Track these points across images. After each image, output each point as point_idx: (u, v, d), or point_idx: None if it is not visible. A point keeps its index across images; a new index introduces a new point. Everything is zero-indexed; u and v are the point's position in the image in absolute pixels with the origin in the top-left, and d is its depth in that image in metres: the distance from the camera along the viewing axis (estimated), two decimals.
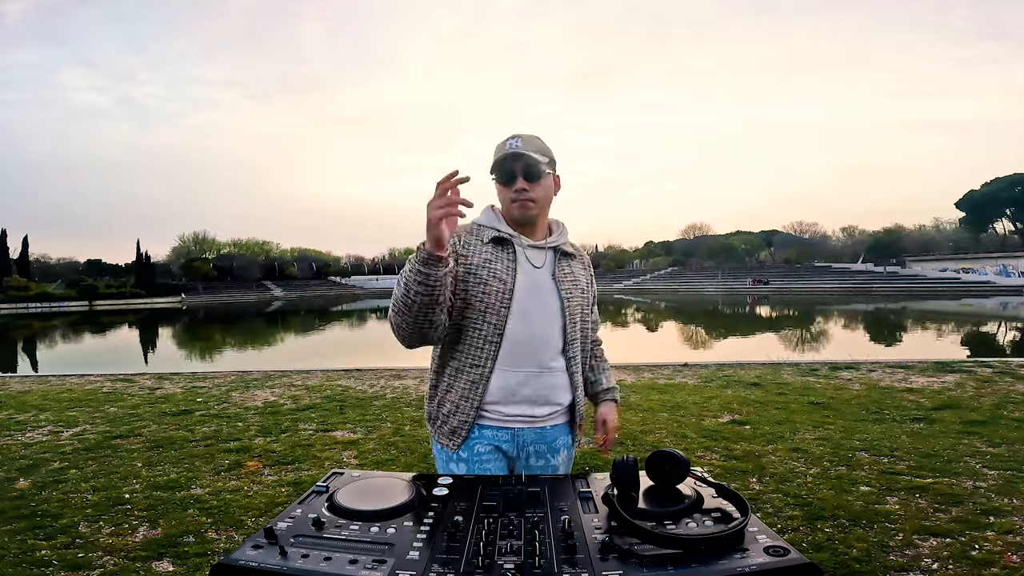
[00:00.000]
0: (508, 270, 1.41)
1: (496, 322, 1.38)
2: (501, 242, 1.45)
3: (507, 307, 1.39)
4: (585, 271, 1.58)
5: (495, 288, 1.39)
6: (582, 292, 1.52)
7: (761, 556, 0.67)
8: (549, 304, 1.44)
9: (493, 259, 1.42)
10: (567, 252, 1.52)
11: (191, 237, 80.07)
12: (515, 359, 1.40)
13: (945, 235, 73.13)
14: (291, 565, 0.67)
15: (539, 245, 1.48)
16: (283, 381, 7.02)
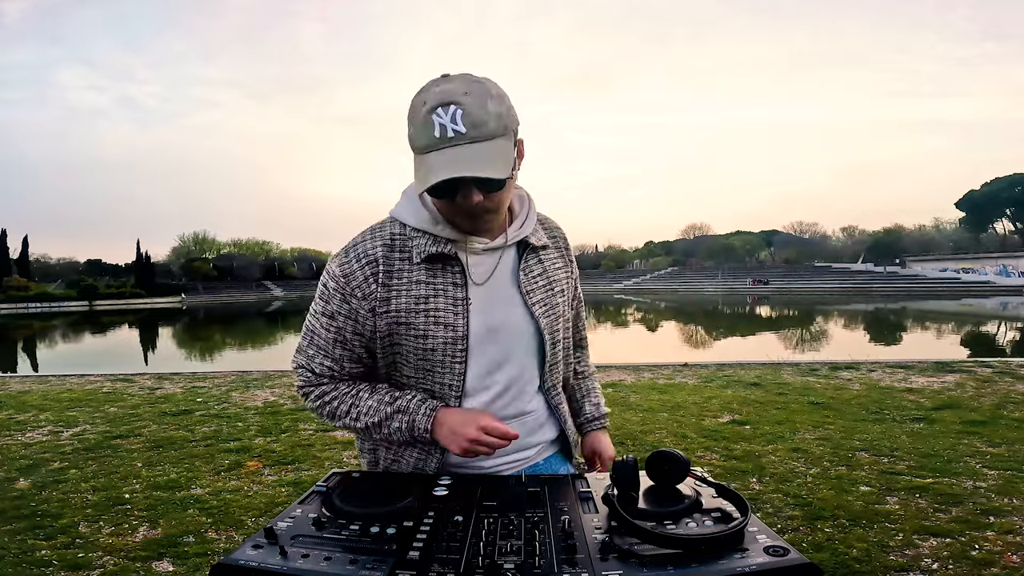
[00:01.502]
0: (456, 304, 0.97)
1: (451, 381, 0.99)
2: (440, 260, 0.98)
3: (462, 361, 0.98)
4: (564, 262, 1.13)
5: (441, 340, 0.96)
6: (562, 293, 1.09)
7: (761, 556, 0.67)
8: (520, 333, 1.02)
9: (431, 294, 0.96)
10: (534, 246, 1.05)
11: (191, 237, 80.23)
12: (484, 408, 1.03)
13: (945, 235, 73.20)
14: (291, 565, 0.67)
15: (494, 246, 1.00)
16: (283, 381, 7.02)
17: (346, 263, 0.98)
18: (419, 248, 0.97)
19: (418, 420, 0.97)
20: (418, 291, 0.97)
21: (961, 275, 51.50)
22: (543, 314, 1.04)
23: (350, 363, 1.02)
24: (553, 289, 1.07)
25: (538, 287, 1.04)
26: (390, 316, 0.97)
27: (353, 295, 0.97)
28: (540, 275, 1.06)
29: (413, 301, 0.96)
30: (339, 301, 0.98)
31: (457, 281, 0.98)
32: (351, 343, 1.00)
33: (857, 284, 52.61)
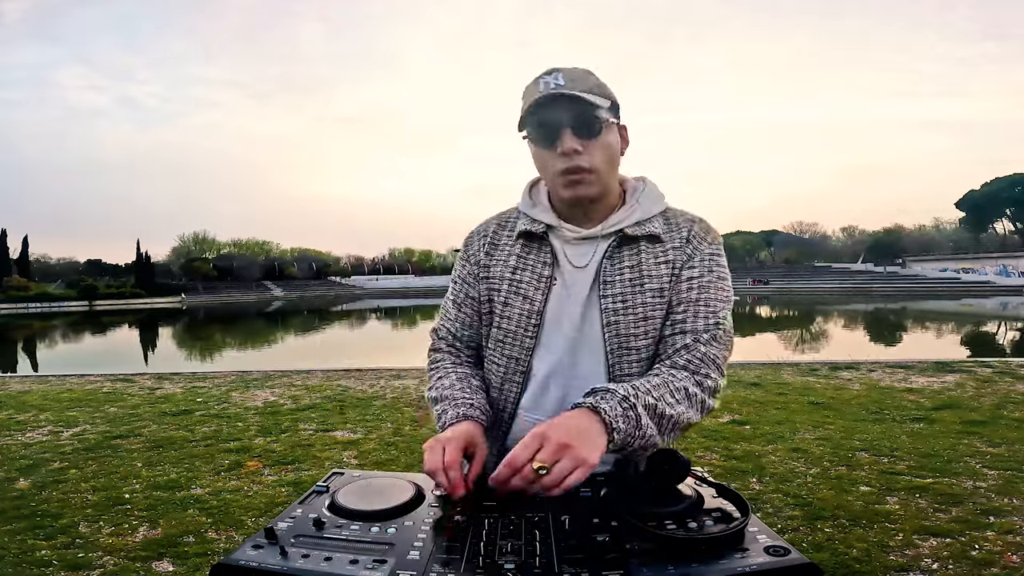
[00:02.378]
0: (539, 281, 1.00)
1: (518, 356, 1.01)
2: (533, 238, 1.03)
3: (532, 336, 1.00)
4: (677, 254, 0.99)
5: (517, 310, 1.01)
6: (655, 295, 0.97)
7: (761, 556, 0.67)
8: (588, 324, 0.99)
9: (520, 266, 1.02)
10: (633, 236, 0.99)
11: (191, 237, 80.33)
12: (543, 404, 1.01)
13: (945, 235, 73.27)
14: (291, 565, 0.66)
15: (590, 235, 1.00)
16: (283, 381, 7.03)
17: (470, 235, 1.12)
18: (518, 226, 1.05)
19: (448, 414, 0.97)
20: (511, 263, 1.04)
21: (961, 275, 51.51)
22: (614, 310, 0.96)
23: (463, 328, 1.10)
24: (643, 285, 0.97)
25: (620, 280, 0.97)
26: (488, 282, 1.05)
27: (468, 260, 1.09)
28: (630, 268, 0.98)
29: (506, 271, 1.04)
30: (460, 266, 1.11)
31: (546, 260, 1.01)
32: (465, 306, 1.09)
33: (857, 284, 52.61)
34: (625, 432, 0.80)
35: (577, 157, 0.92)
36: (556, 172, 0.94)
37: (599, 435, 0.78)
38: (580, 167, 0.92)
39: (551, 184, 0.99)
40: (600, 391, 0.83)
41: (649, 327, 0.97)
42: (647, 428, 0.82)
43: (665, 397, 0.86)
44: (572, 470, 0.73)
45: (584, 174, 0.93)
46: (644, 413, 0.82)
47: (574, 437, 0.75)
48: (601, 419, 0.79)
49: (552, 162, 0.94)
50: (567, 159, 0.92)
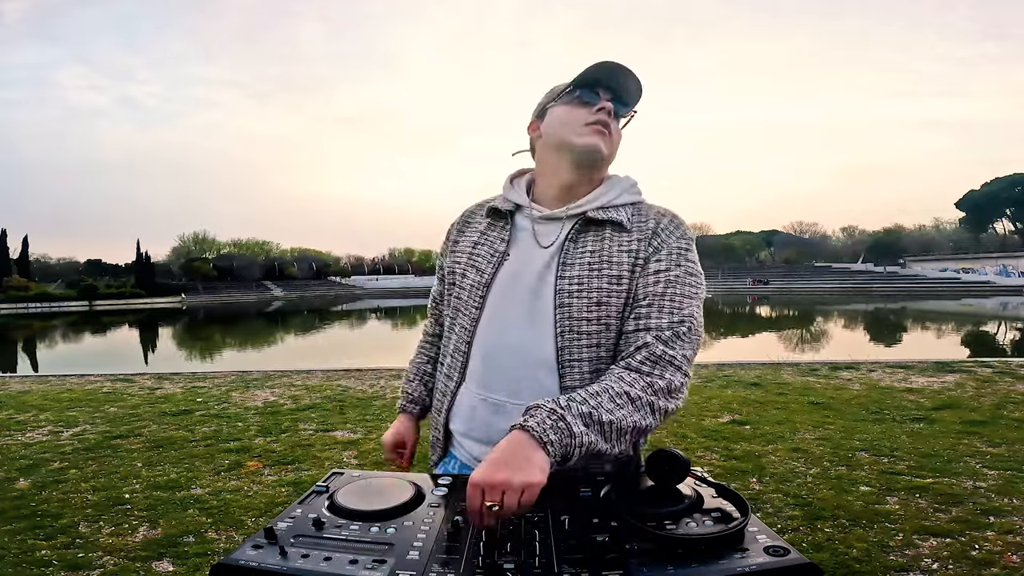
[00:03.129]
0: (493, 255, 1.05)
1: (466, 326, 1.05)
2: (500, 215, 1.09)
3: (478, 307, 1.03)
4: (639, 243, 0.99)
5: (470, 281, 1.05)
6: (612, 282, 0.96)
7: (761, 556, 0.67)
8: (539, 302, 0.99)
9: (481, 241, 1.08)
10: (599, 220, 1.01)
11: (191, 237, 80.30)
12: (487, 379, 1.02)
13: (945, 235, 73.26)
14: (291, 565, 0.67)
15: (555, 215, 1.03)
16: (283, 381, 7.03)
17: (454, 220, 1.20)
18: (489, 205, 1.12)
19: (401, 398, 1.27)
20: (474, 237, 1.11)
21: (961, 275, 51.53)
22: (569, 292, 0.96)
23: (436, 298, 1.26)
24: (601, 270, 0.97)
25: (580, 262, 0.98)
26: (453, 255, 1.13)
27: (448, 239, 1.18)
28: (591, 252, 0.99)
29: (468, 245, 1.11)
30: (442, 247, 1.21)
31: (504, 237, 1.07)
32: (438, 284, 1.22)
33: (857, 284, 52.62)
34: (560, 443, 0.79)
35: (608, 117, 1.02)
36: (582, 122, 1.01)
37: (533, 451, 0.78)
38: (608, 123, 1.02)
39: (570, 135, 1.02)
40: (531, 408, 0.83)
41: (602, 312, 0.96)
42: (583, 436, 0.81)
43: (603, 404, 0.84)
44: (519, 495, 0.73)
45: (608, 131, 1.02)
46: (576, 422, 0.81)
47: (504, 467, 0.75)
48: (531, 436, 0.79)
49: (583, 115, 1.01)
50: (601, 114, 1.01)
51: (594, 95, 1.01)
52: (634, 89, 1.03)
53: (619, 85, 1.02)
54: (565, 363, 0.97)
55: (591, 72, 1.00)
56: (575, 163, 1.02)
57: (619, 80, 1.01)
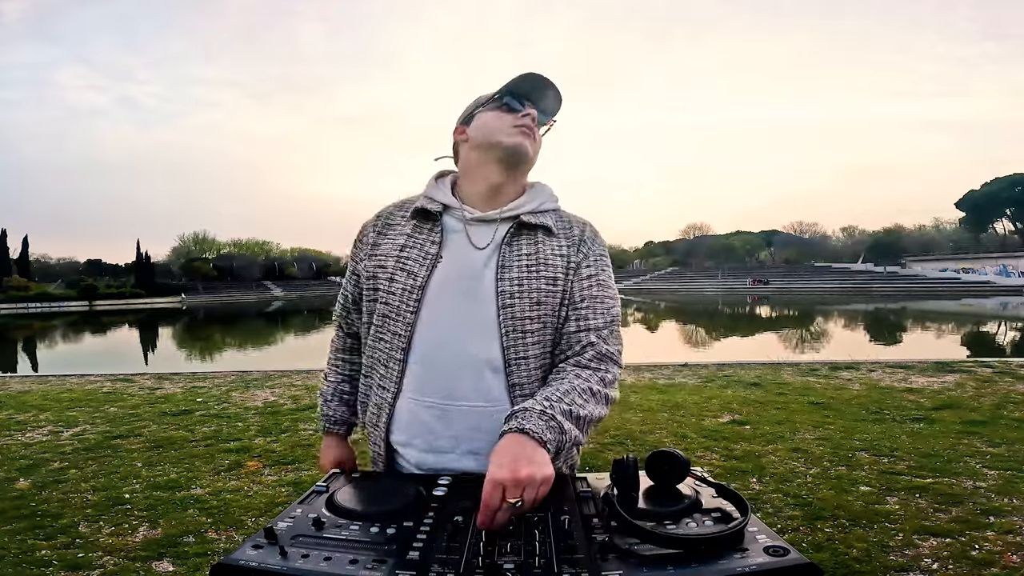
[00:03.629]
0: (425, 257, 1.03)
1: (401, 332, 1.02)
2: (428, 216, 1.07)
3: (413, 311, 1.01)
4: (571, 250, 1.06)
5: (400, 284, 1.02)
6: (549, 283, 1.02)
7: (761, 556, 0.67)
8: (479, 304, 1.00)
9: (408, 244, 1.06)
10: (533, 224, 1.05)
11: (191, 237, 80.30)
12: (428, 385, 1.01)
13: (945, 235, 73.25)
14: (291, 565, 0.67)
15: (488, 217, 1.05)
16: (283, 381, 7.03)
17: (367, 220, 1.16)
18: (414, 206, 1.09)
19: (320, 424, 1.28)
20: (400, 240, 1.07)
21: (961, 275, 51.53)
22: (510, 293, 1.00)
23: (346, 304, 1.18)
24: (538, 272, 1.02)
25: (518, 265, 1.02)
26: (374, 259, 1.08)
27: (361, 241, 1.13)
28: (527, 255, 1.03)
29: (394, 248, 1.06)
30: (354, 250, 1.15)
31: (435, 239, 1.05)
32: (348, 286, 1.16)
33: (857, 284, 52.63)
34: (555, 440, 0.85)
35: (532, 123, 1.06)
36: (510, 124, 1.05)
37: (536, 450, 0.82)
38: (533, 128, 1.07)
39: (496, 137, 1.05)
40: (518, 413, 0.87)
41: (542, 311, 1.02)
42: (571, 431, 0.88)
43: (576, 400, 0.92)
44: (538, 489, 0.78)
45: (533, 134, 1.07)
46: (563, 419, 0.88)
47: (524, 464, 0.79)
48: (531, 437, 0.83)
49: (510, 120, 1.05)
50: (526, 119, 1.05)
51: (519, 103, 1.07)
52: (554, 100, 1.10)
53: (542, 96, 1.08)
54: (511, 362, 1.00)
55: (518, 82, 1.06)
56: (503, 162, 1.06)
57: (542, 91, 1.08)
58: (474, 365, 1.00)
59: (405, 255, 1.04)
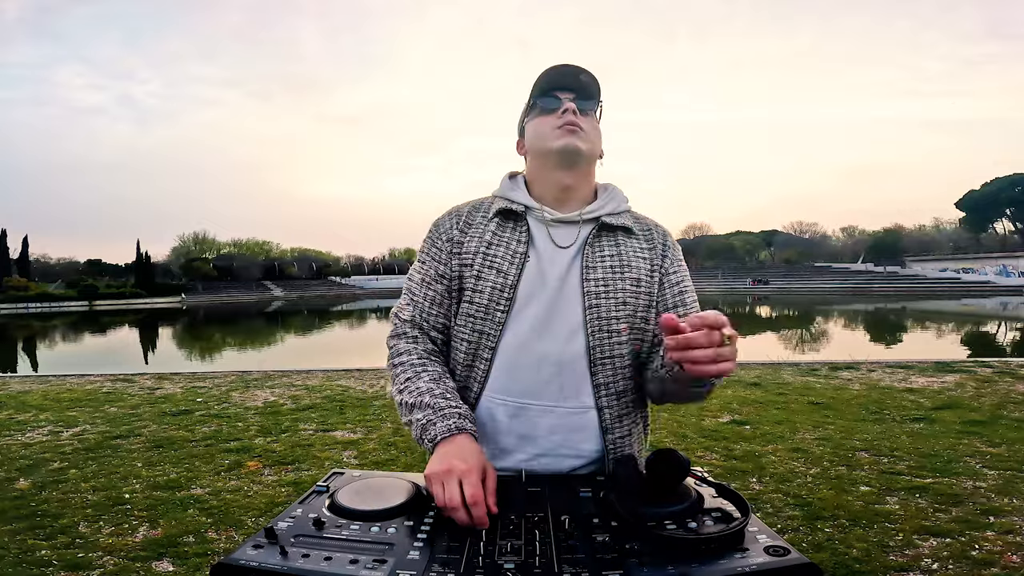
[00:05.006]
0: (514, 256, 1.02)
1: (489, 331, 1.00)
2: (510, 216, 1.06)
3: (504, 310, 1.00)
4: (652, 254, 1.07)
5: (490, 283, 1.01)
6: (634, 284, 1.03)
7: (761, 556, 0.67)
8: (565, 303, 1.01)
9: (495, 242, 1.04)
10: (613, 225, 1.06)
11: (191, 237, 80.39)
12: (514, 386, 1.00)
13: (945, 235, 73.27)
14: (291, 565, 0.67)
15: (570, 218, 1.05)
16: (283, 381, 7.03)
17: (439, 219, 1.11)
18: (495, 206, 1.07)
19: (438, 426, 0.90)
20: (486, 238, 1.05)
21: (961, 275, 51.52)
22: (596, 293, 1.00)
23: (431, 306, 1.07)
24: (623, 273, 1.03)
25: (601, 264, 1.02)
26: (460, 257, 1.05)
27: (440, 238, 1.08)
28: (611, 256, 1.04)
29: (480, 245, 1.04)
30: (428, 245, 1.09)
31: (521, 238, 1.04)
32: (435, 283, 1.07)
33: (857, 284, 52.63)
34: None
35: (574, 116, 1.03)
36: (553, 127, 1.03)
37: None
38: (576, 122, 1.03)
39: (546, 142, 1.04)
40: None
41: (627, 311, 1.02)
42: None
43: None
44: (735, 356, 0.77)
45: (579, 129, 1.02)
46: None
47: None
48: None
49: (552, 122, 1.04)
50: (566, 115, 1.02)
51: (554, 100, 1.05)
52: (589, 82, 1.05)
53: (574, 83, 1.05)
54: (597, 361, 1.00)
55: (543, 81, 1.05)
56: (560, 165, 1.04)
57: (572, 79, 1.05)
58: (560, 364, 0.99)
59: (493, 252, 1.03)
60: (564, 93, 1.04)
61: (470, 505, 0.77)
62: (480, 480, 0.80)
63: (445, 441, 0.88)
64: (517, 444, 1.00)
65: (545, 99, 1.05)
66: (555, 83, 1.05)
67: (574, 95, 1.04)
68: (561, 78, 1.05)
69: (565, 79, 1.05)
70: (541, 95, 1.06)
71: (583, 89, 1.05)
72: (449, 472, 0.80)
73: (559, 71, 1.05)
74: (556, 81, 1.05)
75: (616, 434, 1.02)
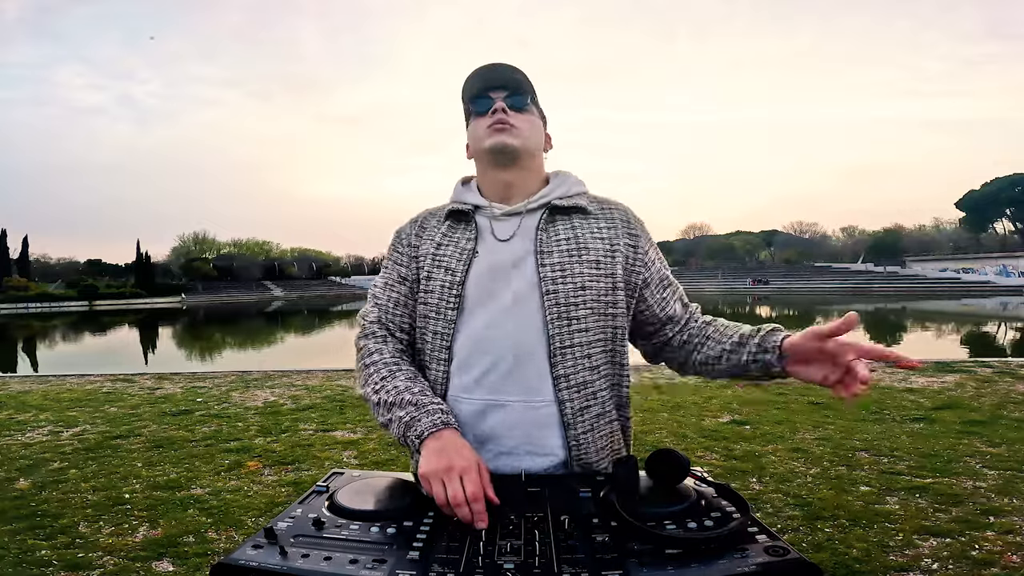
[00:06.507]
0: (462, 253, 1.02)
1: (442, 330, 1.01)
2: (460, 216, 1.08)
3: (454, 307, 1.00)
4: (613, 233, 1.04)
5: (439, 282, 1.02)
6: (592, 267, 1.00)
7: (761, 556, 0.67)
8: (521, 293, 0.98)
9: (444, 242, 1.05)
10: (566, 207, 1.04)
11: (191, 237, 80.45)
12: (472, 384, 0.99)
13: (945, 235, 73.30)
14: (291, 565, 0.67)
15: (515, 210, 1.04)
16: (283, 381, 7.03)
17: (401, 227, 1.14)
18: (446, 209, 1.09)
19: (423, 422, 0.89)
20: (436, 239, 1.07)
21: (961, 275, 51.52)
22: (552, 279, 0.97)
23: (394, 308, 1.07)
24: (580, 256, 1.00)
25: (558, 250, 1.00)
26: (418, 261, 1.07)
27: (400, 243, 1.11)
28: (567, 239, 1.01)
29: (432, 247, 1.06)
30: (391, 252, 1.13)
31: (470, 236, 1.04)
32: (397, 287, 1.08)
33: (857, 284, 52.63)
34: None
35: (504, 115, 1.02)
36: (485, 127, 1.03)
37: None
38: (506, 119, 1.02)
39: (480, 144, 1.05)
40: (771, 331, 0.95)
41: (587, 296, 0.98)
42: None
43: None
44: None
45: (509, 126, 1.02)
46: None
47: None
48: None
49: (484, 122, 1.04)
50: (496, 114, 1.02)
51: (485, 100, 1.05)
52: (518, 78, 1.05)
53: (503, 81, 1.05)
54: (556, 351, 0.97)
55: (469, 85, 1.06)
56: (495, 163, 1.05)
57: (496, 77, 1.05)
58: (518, 357, 0.97)
59: (442, 252, 1.04)
60: (496, 92, 1.05)
61: (472, 501, 0.77)
62: (479, 476, 0.81)
63: (432, 437, 0.87)
64: (480, 443, 0.97)
65: (477, 101, 1.06)
66: (484, 84, 1.05)
67: (506, 92, 1.04)
68: (488, 78, 1.05)
69: (493, 79, 1.05)
70: (473, 98, 1.07)
71: (512, 86, 1.05)
72: (450, 470, 0.80)
73: (485, 72, 1.05)
74: (487, 81, 1.05)
75: (579, 429, 0.97)
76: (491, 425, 0.98)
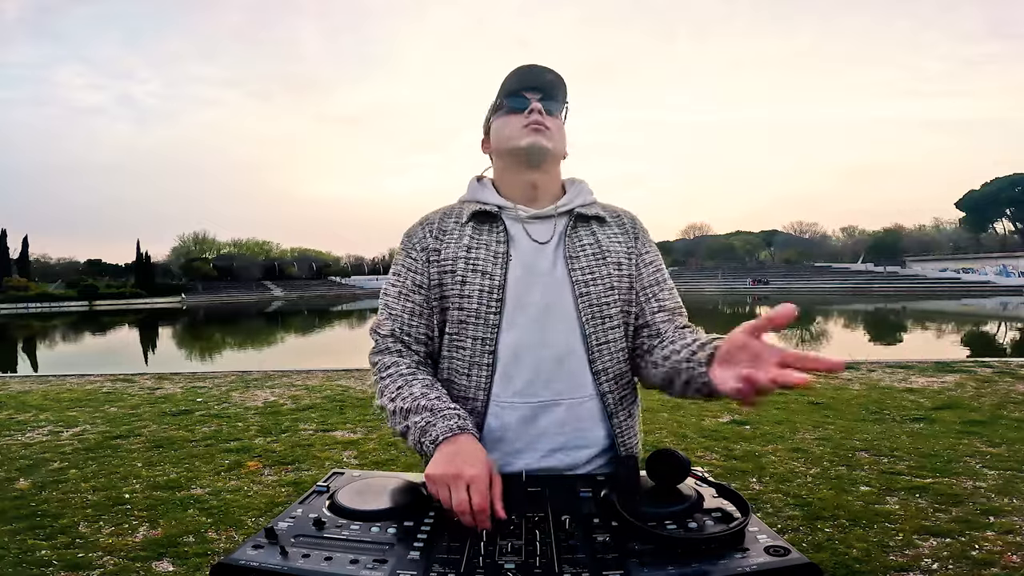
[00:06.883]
0: (496, 257, 1.02)
1: (484, 335, 0.99)
2: (485, 217, 1.06)
3: (496, 311, 0.99)
4: (626, 238, 1.10)
5: (477, 286, 1.00)
6: (616, 268, 1.05)
7: (761, 556, 0.67)
8: (558, 296, 1.01)
9: (474, 245, 1.03)
10: (587, 216, 1.08)
11: (191, 237, 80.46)
12: (519, 386, 0.99)
13: (945, 235, 73.31)
14: (292, 565, 0.67)
15: (545, 213, 1.06)
16: (283, 381, 7.03)
17: (411, 229, 1.11)
18: (467, 210, 1.07)
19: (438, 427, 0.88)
20: (464, 242, 1.04)
21: (961, 275, 51.52)
22: (584, 281, 1.02)
23: (411, 318, 1.05)
24: (605, 259, 1.05)
25: (584, 254, 1.04)
26: (439, 264, 1.04)
27: (414, 248, 1.08)
28: (590, 244, 1.06)
29: (459, 250, 1.03)
30: (403, 257, 1.09)
31: (500, 239, 1.04)
32: (412, 296, 1.05)
33: (857, 284, 52.62)
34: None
35: (540, 116, 1.04)
36: (519, 126, 1.04)
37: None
38: (542, 121, 1.04)
39: (512, 142, 1.05)
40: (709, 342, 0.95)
41: (615, 295, 1.05)
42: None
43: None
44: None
45: (545, 128, 1.04)
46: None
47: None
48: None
49: (518, 121, 1.05)
50: (533, 115, 1.04)
51: (522, 100, 1.06)
52: (556, 82, 1.06)
53: (541, 84, 1.06)
54: (594, 348, 1.02)
55: (512, 80, 1.06)
56: (527, 163, 1.06)
57: (540, 80, 1.06)
58: (560, 357, 1.00)
59: (475, 256, 1.02)
60: (532, 93, 1.06)
61: (476, 512, 0.76)
62: (488, 487, 0.79)
63: (447, 441, 0.87)
64: (529, 444, 1.00)
65: (513, 99, 1.06)
66: (523, 83, 1.06)
67: (541, 95, 1.06)
68: (530, 78, 1.06)
69: (533, 79, 1.06)
70: (509, 95, 1.07)
71: (550, 90, 1.07)
72: (458, 477, 0.79)
73: (529, 73, 1.05)
74: (524, 81, 1.06)
75: (620, 418, 1.04)
76: (542, 426, 1.00)
